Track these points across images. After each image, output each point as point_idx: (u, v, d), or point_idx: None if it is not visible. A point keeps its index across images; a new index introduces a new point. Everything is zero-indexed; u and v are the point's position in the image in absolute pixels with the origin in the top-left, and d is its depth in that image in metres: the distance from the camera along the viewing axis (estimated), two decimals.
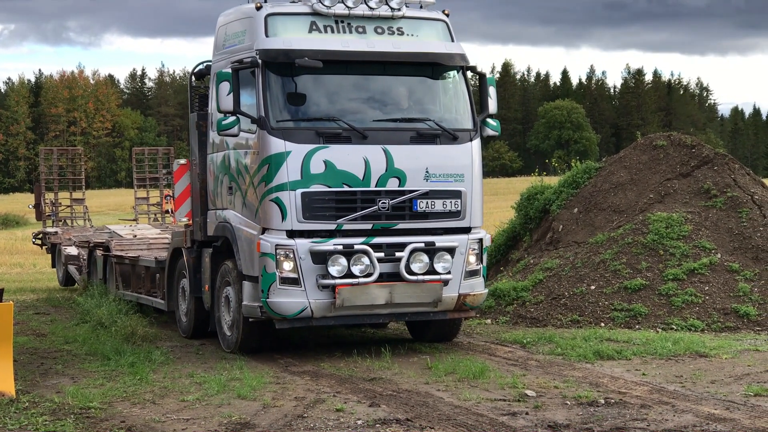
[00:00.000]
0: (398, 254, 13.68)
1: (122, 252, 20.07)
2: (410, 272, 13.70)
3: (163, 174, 31.78)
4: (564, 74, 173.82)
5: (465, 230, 14.22)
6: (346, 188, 13.60)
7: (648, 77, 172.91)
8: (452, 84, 14.67)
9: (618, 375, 12.47)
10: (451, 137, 14.14)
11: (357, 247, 13.50)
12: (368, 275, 13.50)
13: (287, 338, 15.62)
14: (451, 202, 14.06)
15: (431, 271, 13.83)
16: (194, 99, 15.76)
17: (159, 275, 17.82)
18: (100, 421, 10.35)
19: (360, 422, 10.16)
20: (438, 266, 13.84)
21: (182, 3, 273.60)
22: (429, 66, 14.42)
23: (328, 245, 13.43)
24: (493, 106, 14.66)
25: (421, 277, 13.74)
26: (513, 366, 13.17)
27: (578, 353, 13.76)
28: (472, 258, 14.23)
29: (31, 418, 10.42)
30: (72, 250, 23.59)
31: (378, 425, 10.05)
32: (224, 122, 13.61)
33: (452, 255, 13.96)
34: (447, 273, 13.89)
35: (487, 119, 14.61)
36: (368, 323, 15.71)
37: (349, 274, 13.45)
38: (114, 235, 23.27)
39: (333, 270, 13.40)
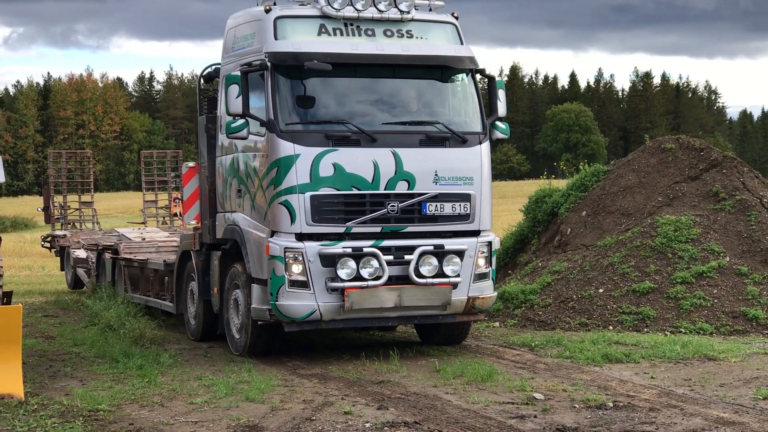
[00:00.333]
0: (407, 257, 13.67)
1: (131, 255, 20.10)
2: (419, 275, 13.69)
3: (172, 177, 31.79)
4: (572, 77, 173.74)
5: (474, 233, 14.20)
6: (355, 191, 13.58)
7: (656, 80, 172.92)
8: (461, 87, 14.64)
9: (626, 378, 12.46)
10: (461, 140, 14.13)
11: (366, 250, 13.49)
12: (377, 278, 13.49)
13: (295, 341, 15.63)
14: (461, 205, 14.04)
15: (440, 274, 13.81)
16: (203, 102, 15.77)
17: (168, 278, 17.84)
18: (109, 424, 10.36)
19: (368, 425, 10.16)
20: (447, 269, 13.82)
21: (190, 6, 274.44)
22: (438, 69, 14.40)
23: (337, 248, 13.42)
24: (503, 109, 14.65)
25: (431, 280, 13.72)
26: (521, 369, 13.16)
27: (586, 356, 13.75)
28: (481, 261, 14.21)
29: (40, 421, 10.44)
30: (81, 253, 23.62)
31: (386, 428, 10.05)
32: (233, 125, 13.60)
33: (461, 258, 13.94)
34: (456, 276, 13.87)
35: (497, 122, 14.59)
36: (377, 326, 15.72)
37: (358, 277, 13.44)
38: (123, 238, 23.33)
39: (342, 273, 13.38)
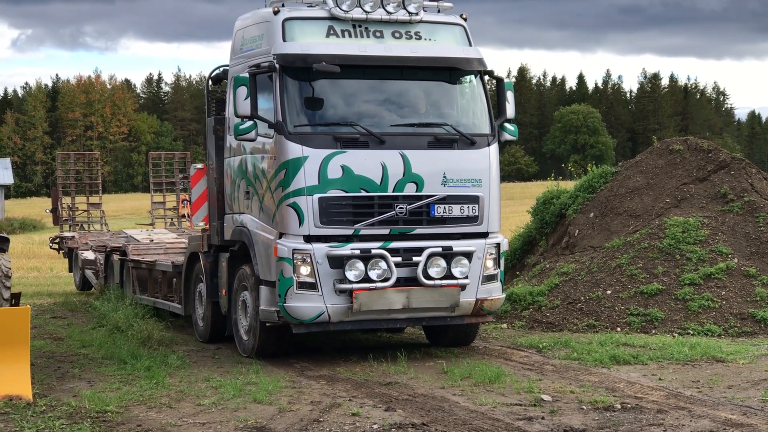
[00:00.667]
0: (416, 259, 13.66)
1: (139, 256, 20.11)
2: (428, 277, 13.68)
3: (180, 178, 31.83)
4: (580, 78, 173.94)
5: (482, 235, 14.18)
6: (364, 193, 13.58)
7: (664, 81, 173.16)
8: (470, 88, 14.63)
9: (634, 380, 12.44)
10: (469, 142, 14.11)
11: (374, 252, 13.48)
12: (385, 280, 13.48)
13: (303, 342, 15.63)
14: (469, 207, 14.03)
15: (449, 276, 13.79)
16: (211, 103, 15.79)
17: (176, 280, 17.85)
18: (117, 425, 10.37)
19: (375, 427, 10.16)
20: (455, 271, 13.81)
21: (199, 7, 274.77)
22: (447, 70, 14.39)
23: (346, 250, 13.42)
24: (511, 111, 14.64)
25: (439, 282, 13.71)
26: (529, 371, 13.15)
27: (594, 358, 13.73)
28: (490, 263, 14.20)
29: (48, 422, 10.45)
30: (89, 255, 23.65)
31: (394, 430, 10.05)
32: (241, 127, 13.60)
33: (470, 260, 13.93)
34: (464, 278, 13.86)
35: (505, 124, 14.57)
36: (385, 328, 15.71)
37: (367, 279, 13.43)
38: (131, 240, 23.34)
39: (350, 275, 13.37)
